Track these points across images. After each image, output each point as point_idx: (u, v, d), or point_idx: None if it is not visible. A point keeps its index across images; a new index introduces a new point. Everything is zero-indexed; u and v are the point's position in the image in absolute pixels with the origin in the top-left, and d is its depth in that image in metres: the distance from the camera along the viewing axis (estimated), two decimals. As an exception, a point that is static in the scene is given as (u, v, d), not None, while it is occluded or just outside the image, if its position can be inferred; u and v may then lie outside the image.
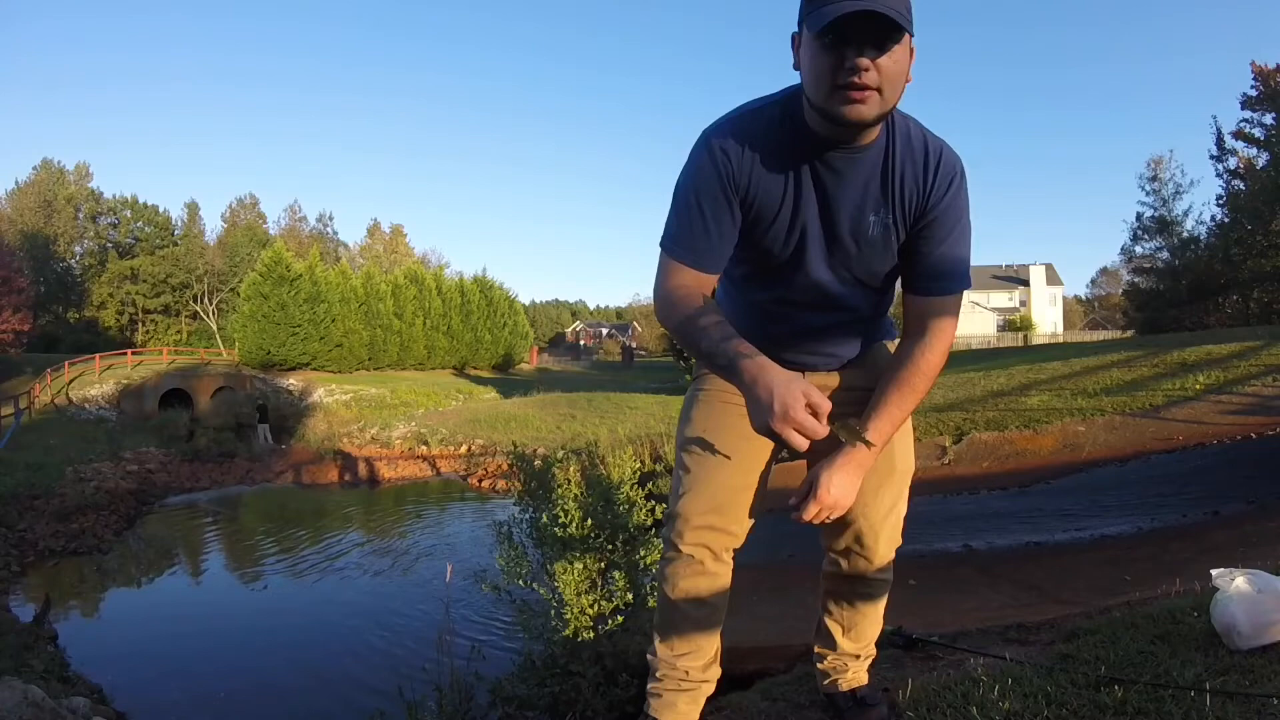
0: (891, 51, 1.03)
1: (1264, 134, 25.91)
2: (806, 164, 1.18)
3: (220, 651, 6.29)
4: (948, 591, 4.31)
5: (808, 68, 1.08)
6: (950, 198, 1.19)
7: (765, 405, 1.04)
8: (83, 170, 47.53)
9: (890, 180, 1.18)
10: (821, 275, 1.27)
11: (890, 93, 1.06)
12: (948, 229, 1.21)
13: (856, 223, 1.21)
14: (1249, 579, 1.71)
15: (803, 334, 1.38)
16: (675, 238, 1.23)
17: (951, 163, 1.20)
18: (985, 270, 54.67)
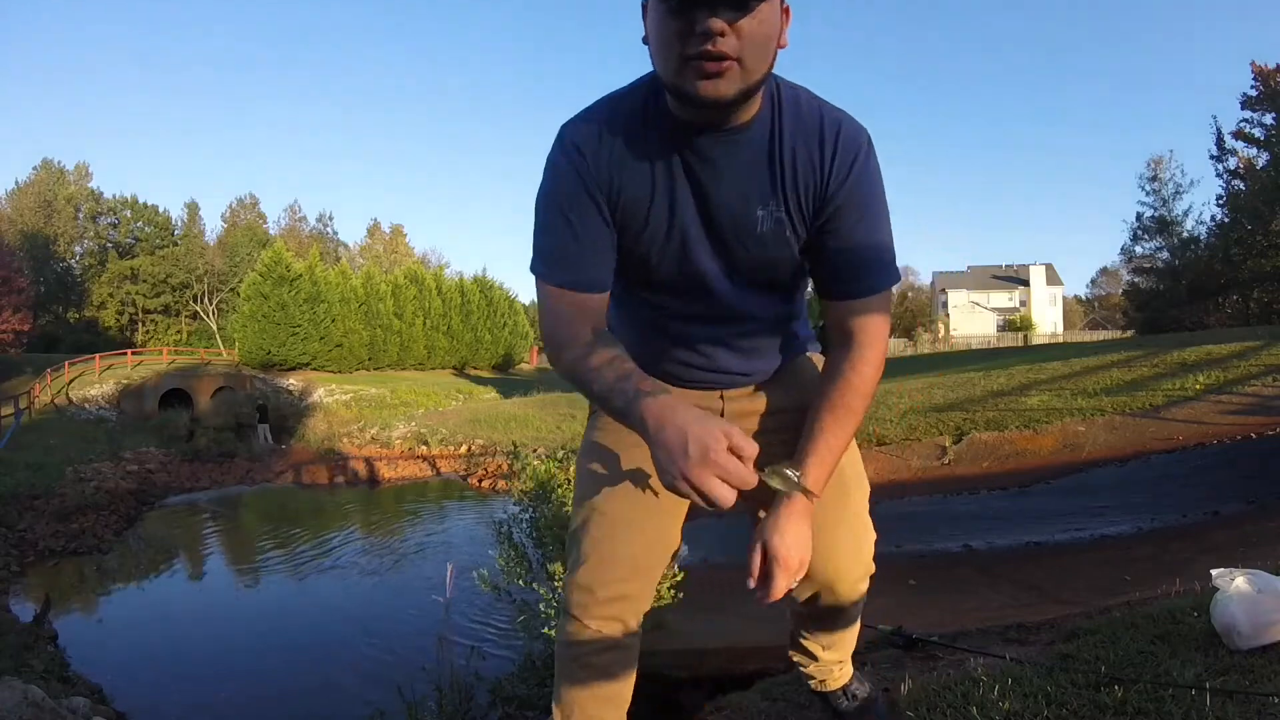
0: (755, 10, 0.85)
1: (1264, 134, 25.92)
2: (676, 155, 1.00)
3: (220, 651, 6.29)
4: (948, 591, 4.31)
5: (653, 37, 0.91)
6: (855, 177, 1.00)
7: (677, 450, 0.82)
8: (83, 170, 47.56)
9: (779, 165, 1.00)
10: (712, 283, 1.09)
11: (754, 62, 0.88)
12: (856, 215, 1.01)
13: (742, 219, 1.03)
14: (1249, 579, 1.71)
15: (705, 349, 1.18)
16: (545, 257, 1.03)
17: (854, 136, 1.01)
18: (985, 270, 54.67)
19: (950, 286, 53.07)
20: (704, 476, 0.81)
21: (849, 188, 1.00)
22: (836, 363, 1.08)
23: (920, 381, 14.35)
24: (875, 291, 1.05)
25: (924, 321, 52.98)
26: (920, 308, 57.34)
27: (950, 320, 50.26)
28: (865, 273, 1.04)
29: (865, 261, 1.04)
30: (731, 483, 0.81)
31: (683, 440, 0.82)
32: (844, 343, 1.08)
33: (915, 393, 12.67)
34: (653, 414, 0.87)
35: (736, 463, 0.81)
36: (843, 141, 1.00)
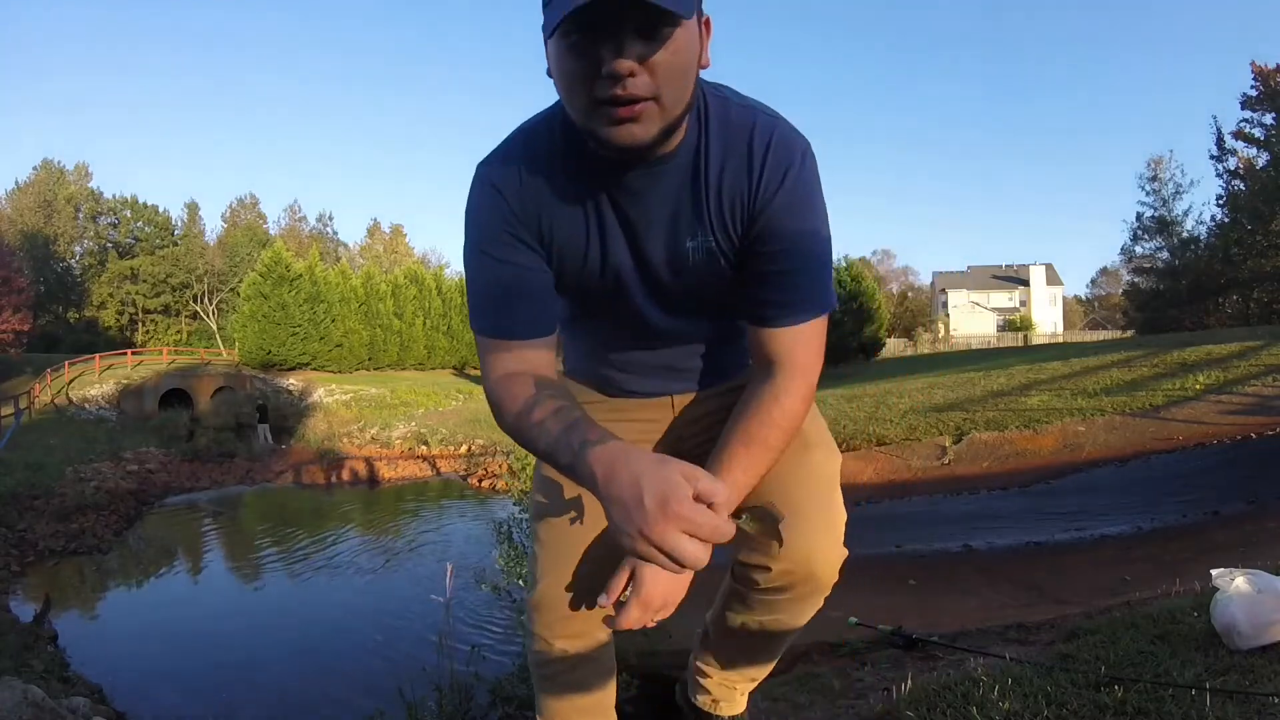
0: (669, 41, 0.75)
1: (1264, 134, 25.94)
2: (601, 191, 0.91)
3: (220, 651, 6.29)
4: (948, 591, 4.31)
5: (557, 76, 0.81)
6: (788, 191, 0.89)
7: (631, 504, 0.69)
8: (82, 170, 47.57)
9: (704, 189, 0.90)
10: (651, 317, 1.02)
11: (674, 97, 0.79)
12: (788, 234, 0.90)
13: (672, 253, 0.94)
14: (1249, 579, 1.71)
15: (651, 369, 1.12)
16: (481, 310, 0.95)
17: (787, 145, 0.89)
18: (985, 270, 54.71)
19: (950, 286, 53.09)
20: (667, 532, 0.67)
21: (780, 203, 0.89)
22: (757, 391, 0.94)
23: (920, 381, 14.35)
24: (806, 319, 0.93)
25: (924, 321, 52.99)
26: (920, 308, 57.34)
27: (950, 320, 50.27)
28: (796, 298, 0.92)
29: (796, 286, 0.92)
30: (702, 537, 0.68)
31: (636, 491, 0.69)
32: (766, 373, 0.95)
33: (915, 393, 12.67)
34: (601, 464, 0.74)
35: (705, 512, 0.68)
36: (774, 151, 0.89)
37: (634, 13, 0.72)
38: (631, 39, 0.74)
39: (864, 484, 8.35)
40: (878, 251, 61.56)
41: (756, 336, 0.96)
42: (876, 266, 56.73)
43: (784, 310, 0.93)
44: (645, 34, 0.74)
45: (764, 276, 0.93)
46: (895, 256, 65.50)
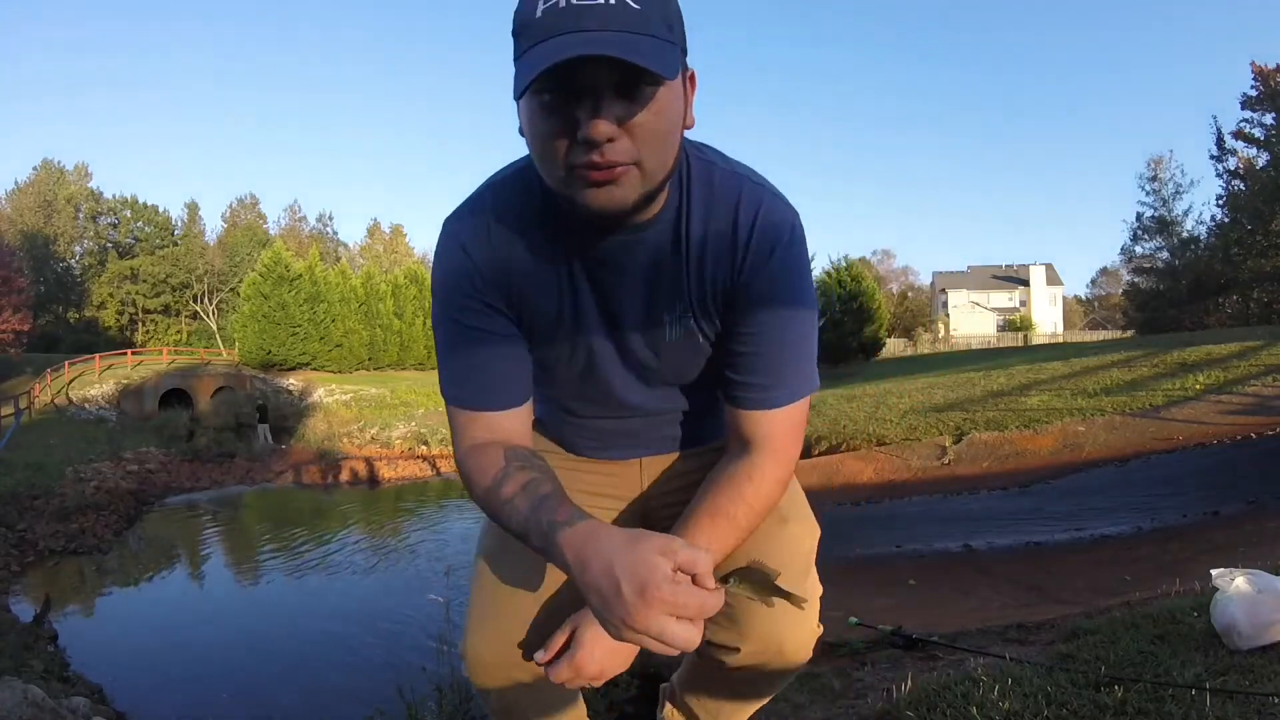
0: (651, 101, 0.69)
1: (1264, 134, 25.96)
2: (576, 257, 0.85)
3: (220, 651, 6.29)
4: (948, 591, 4.31)
5: (528, 137, 0.75)
6: (774, 270, 0.83)
7: (609, 593, 0.66)
8: (82, 170, 47.60)
9: (685, 261, 0.84)
10: (622, 391, 0.96)
11: (655, 161, 0.72)
12: (772, 313, 0.84)
13: (649, 328, 0.89)
14: (1249, 579, 1.71)
15: (619, 440, 1.06)
16: (451, 378, 0.89)
17: (774, 220, 0.83)
18: (985, 270, 54.73)
19: (950, 286, 53.11)
20: (651, 619, 0.63)
21: (764, 282, 0.83)
22: (731, 467, 0.88)
23: (920, 381, 14.36)
24: (786, 403, 0.88)
25: (924, 321, 53.01)
26: (920, 308, 57.36)
27: (950, 320, 50.29)
28: (776, 381, 0.87)
29: (778, 369, 0.86)
30: (690, 615, 0.64)
31: (612, 579, 0.65)
32: (744, 449, 0.89)
33: (915, 393, 12.68)
34: (572, 549, 0.70)
35: (689, 590, 0.64)
36: (761, 226, 0.82)
37: (613, 73, 0.66)
38: (610, 99, 0.68)
39: (864, 484, 8.36)
40: (878, 251, 61.58)
41: (733, 416, 0.90)
42: (876, 266, 56.72)
43: (763, 393, 0.87)
44: (625, 94, 0.68)
45: (744, 357, 0.87)
46: (895, 256, 65.63)
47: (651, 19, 0.68)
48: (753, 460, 0.88)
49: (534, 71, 0.65)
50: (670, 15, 0.71)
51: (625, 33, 0.66)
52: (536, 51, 0.66)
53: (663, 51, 0.68)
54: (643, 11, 0.67)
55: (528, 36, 0.68)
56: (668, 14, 0.71)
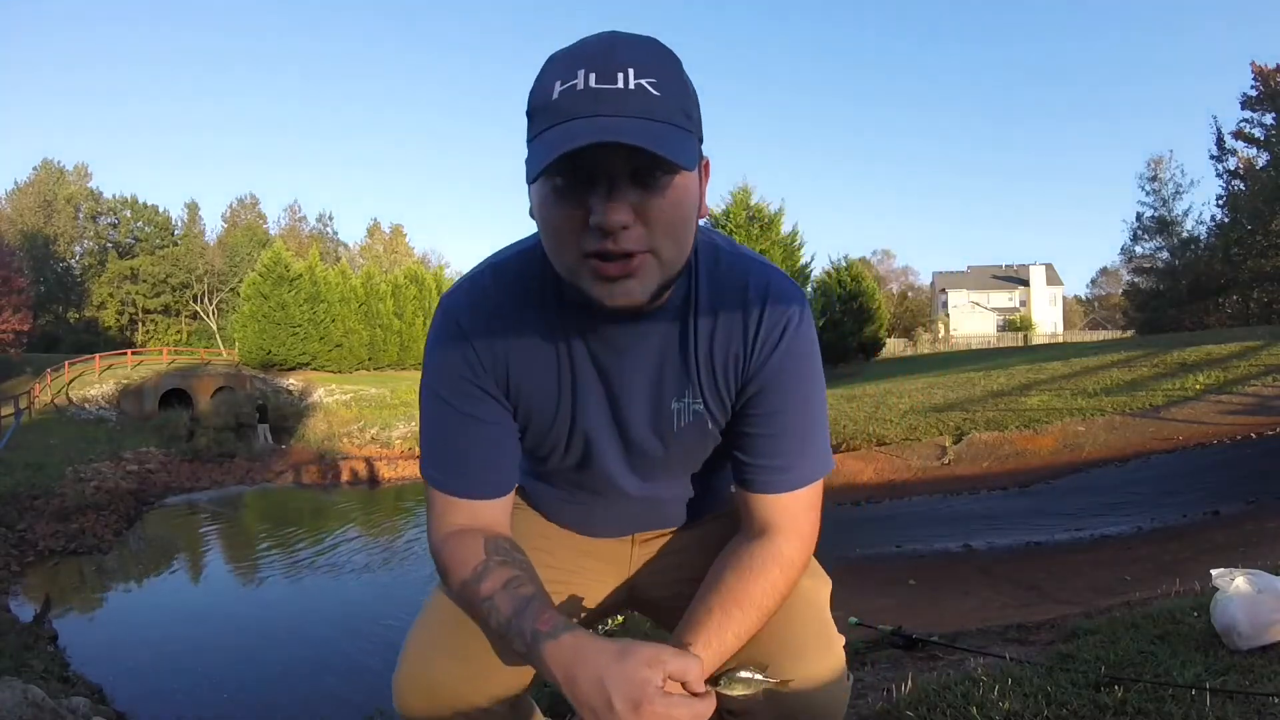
0: (667, 190, 0.67)
1: (1264, 134, 25.98)
2: (580, 343, 0.83)
3: (220, 651, 6.29)
4: (948, 591, 4.32)
5: (539, 222, 0.73)
6: (784, 351, 0.82)
7: (601, 709, 0.66)
8: (82, 170, 47.60)
9: (694, 345, 0.82)
10: (623, 482, 0.93)
11: (672, 250, 0.71)
12: (784, 395, 0.83)
13: (656, 416, 0.86)
14: (1249, 579, 1.71)
15: (608, 516, 1.01)
16: (433, 459, 0.86)
17: (784, 301, 0.82)
18: (985, 270, 54.73)
19: (950, 286, 53.12)
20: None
21: (776, 363, 0.82)
22: (753, 549, 0.84)
23: (920, 381, 14.36)
24: (802, 485, 0.85)
25: (924, 321, 53.01)
26: (920, 308, 57.36)
27: (950, 320, 50.29)
28: (795, 463, 0.84)
29: (791, 450, 0.84)
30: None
31: (603, 695, 0.66)
32: (763, 533, 0.85)
33: (915, 393, 12.68)
34: (559, 665, 0.69)
35: (682, 702, 0.66)
36: (770, 311, 0.81)
37: (630, 160, 0.65)
38: (626, 186, 0.66)
39: (864, 484, 8.36)
40: (878, 251, 61.56)
41: (750, 502, 0.86)
42: (876, 266, 56.72)
43: (780, 475, 0.84)
44: (641, 181, 0.66)
45: (757, 439, 0.85)
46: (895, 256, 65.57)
47: (670, 106, 0.67)
48: (775, 542, 0.84)
49: (550, 155, 0.63)
50: (689, 103, 0.70)
51: (644, 120, 0.64)
52: (553, 134, 0.65)
53: (681, 140, 0.67)
54: (662, 99, 0.66)
55: (544, 118, 0.67)
56: (686, 102, 0.70)
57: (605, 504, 0.98)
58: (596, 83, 0.64)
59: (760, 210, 22.77)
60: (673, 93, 0.67)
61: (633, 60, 0.66)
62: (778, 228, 22.78)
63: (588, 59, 0.66)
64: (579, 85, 0.65)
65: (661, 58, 0.69)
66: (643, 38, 0.70)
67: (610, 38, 0.69)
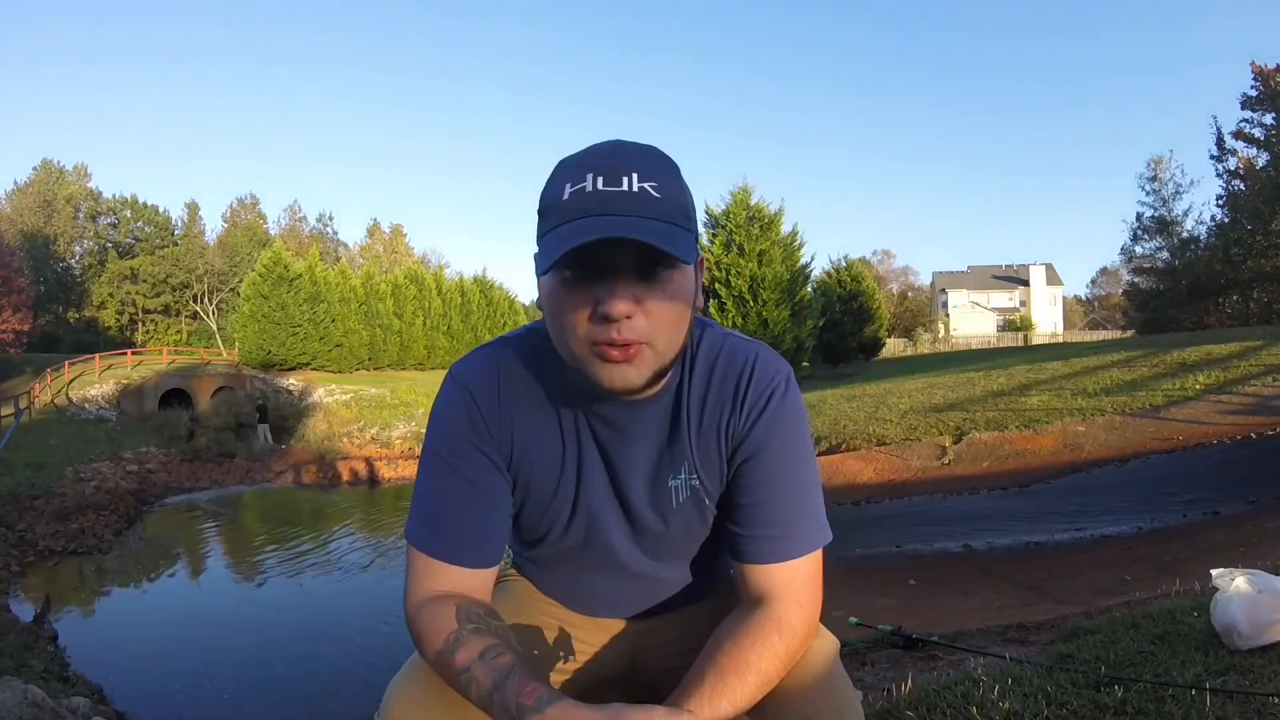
0: (666, 284, 0.73)
1: (1264, 134, 25.96)
2: (583, 419, 0.86)
3: (220, 651, 6.29)
4: (948, 591, 4.32)
5: (547, 311, 0.77)
6: (769, 420, 0.84)
7: None
8: (81, 170, 47.60)
9: (686, 424, 0.86)
10: (628, 560, 0.94)
11: (668, 342, 0.76)
12: (778, 464, 0.85)
13: (654, 492, 0.88)
14: (1249, 579, 1.71)
15: (608, 594, 1.00)
16: (422, 520, 0.85)
17: (767, 373, 0.86)
18: (985, 270, 54.74)
19: (950, 286, 53.13)
20: None
21: (762, 430, 0.84)
22: (756, 617, 0.82)
23: (920, 381, 14.36)
24: (795, 556, 0.84)
25: (924, 321, 53.02)
26: (920, 308, 57.38)
27: (950, 320, 50.30)
28: (783, 533, 0.84)
29: (781, 519, 0.84)
30: None
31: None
32: (757, 602, 0.84)
33: (915, 393, 12.68)
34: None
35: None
36: (755, 383, 0.85)
37: (634, 256, 0.71)
38: (629, 280, 0.72)
39: (864, 484, 8.36)
40: (878, 251, 61.63)
41: (748, 574, 0.85)
42: (876, 266, 56.76)
43: (774, 544, 0.84)
44: (643, 275, 0.72)
45: (749, 509, 0.85)
46: (895, 256, 65.56)
47: (671, 208, 0.73)
48: (774, 610, 0.82)
49: (561, 249, 0.68)
50: (687, 206, 0.77)
51: (647, 219, 0.70)
52: (563, 230, 0.70)
53: (682, 238, 0.73)
54: (663, 201, 0.72)
55: (555, 216, 0.72)
56: (685, 205, 0.76)
57: (606, 583, 0.98)
58: (604, 185, 0.71)
59: (760, 210, 22.74)
60: (672, 195, 0.74)
61: (636, 166, 0.73)
62: (778, 228, 22.75)
63: (595, 164, 0.72)
64: (588, 187, 0.71)
65: (662, 164, 0.75)
66: (646, 146, 0.77)
67: (615, 145, 0.75)
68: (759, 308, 21.43)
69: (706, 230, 23.19)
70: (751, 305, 21.51)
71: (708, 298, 22.00)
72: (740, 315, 21.34)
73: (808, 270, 23.47)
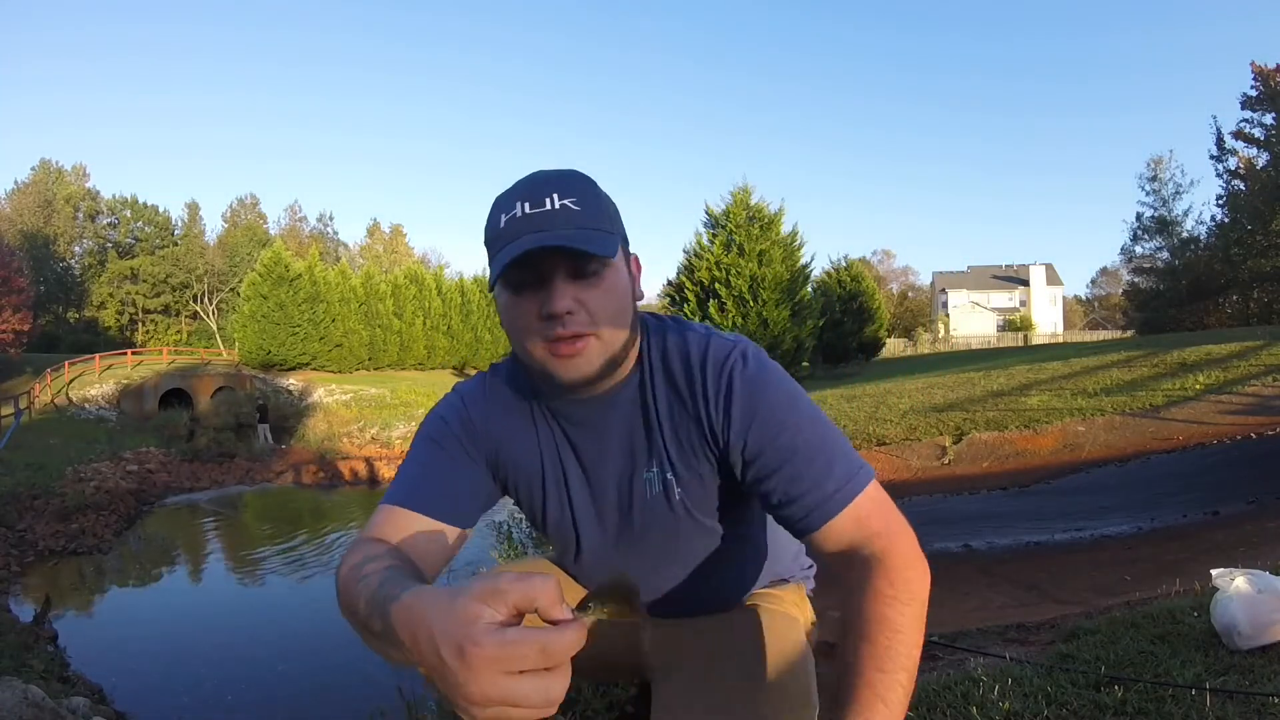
0: (599, 280, 0.81)
1: (1264, 134, 25.96)
2: (557, 425, 0.93)
3: (220, 651, 6.29)
4: (948, 591, 4.31)
5: (506, 324, 0.86)
6: (741, 394, 0.84)
7: (436, 669, 0.53)
8: (80, 171, 47.58)
9: (655, 421, 0.89)
10: (605, 556, 0.97)
11: (612, 331, 0.83)
12: (773, 431, 0.83)
13: (626, 486, 0.92)
14: (1249, 579, 1.71)
15: None
16: (398, 485, 0.90)
17: (721, 353, 0.87)
18: (985, 270, 54.72)
19: (950, 286, 53.11)
20: (484, 683, 0.49)
21: (740, 411, 0.84)
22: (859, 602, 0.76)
23: (920, 381, 14.36)
24: (851, 498, 0.80)
25: (924, 321, 53.01)
26: (920, 308, 57.37)
27: (950, 320, 50.29)
28: (828, 486, 0.80)
29: (820, 473, 0.81)
30: (535, 664, 0.49)
31: (433, 649, 0.52)
32: (852, 564, 0.80)
33: (915, 393, 12.67)
34: (404, 627, 0.57)
35: (523, 631, 0.50)
36: (710, 364, 0.86)
37: (565, 261, 0.80)
38: (566, 282, 0.80)
39: (864, 484, 8.35)
40: (878, 251, 61.65)
41: (822, 545, 0.83)
42: (876, 266, 56.77)
43: (823, 503, 0.81)
44: (577, 276, 0.81)
45: (781, 483, 0.82)
46: (895, 256, 65.59)
47: (589, 216, 0.82)
48: (872, 577, 0.76)
49: (503, 264, 0.79)
50: (607, 213, 0.85)
51: (572, 229, 0.80)
52: (504, 251, 0.80)
53: (602, 239, 0.81)
54: (583, 212, 0.82)
55: (497, 243, 0.82)
56: (604, 212, 0.84)
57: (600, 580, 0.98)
58: (530, 209, 0.81)
59: (760, 210, 22.74)
60: (590, 206, 0.83)
61: (556, 188, 0.82)
62: (778, 228, 22.75)
63: (521, 193, 0.82)
64: (518, 213, 0.81)
65: (580, 182, 0.84)
66: (564, 170, 0.86)
67: (536, 174, 0.85)
68: (759, 308, 21.42)
69: (706, 230, 23.21)
70: (751, 305, 21.50)
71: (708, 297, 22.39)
72: (740, 315, 21.33)
73: (808, 270, 23.47)
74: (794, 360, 21.53)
